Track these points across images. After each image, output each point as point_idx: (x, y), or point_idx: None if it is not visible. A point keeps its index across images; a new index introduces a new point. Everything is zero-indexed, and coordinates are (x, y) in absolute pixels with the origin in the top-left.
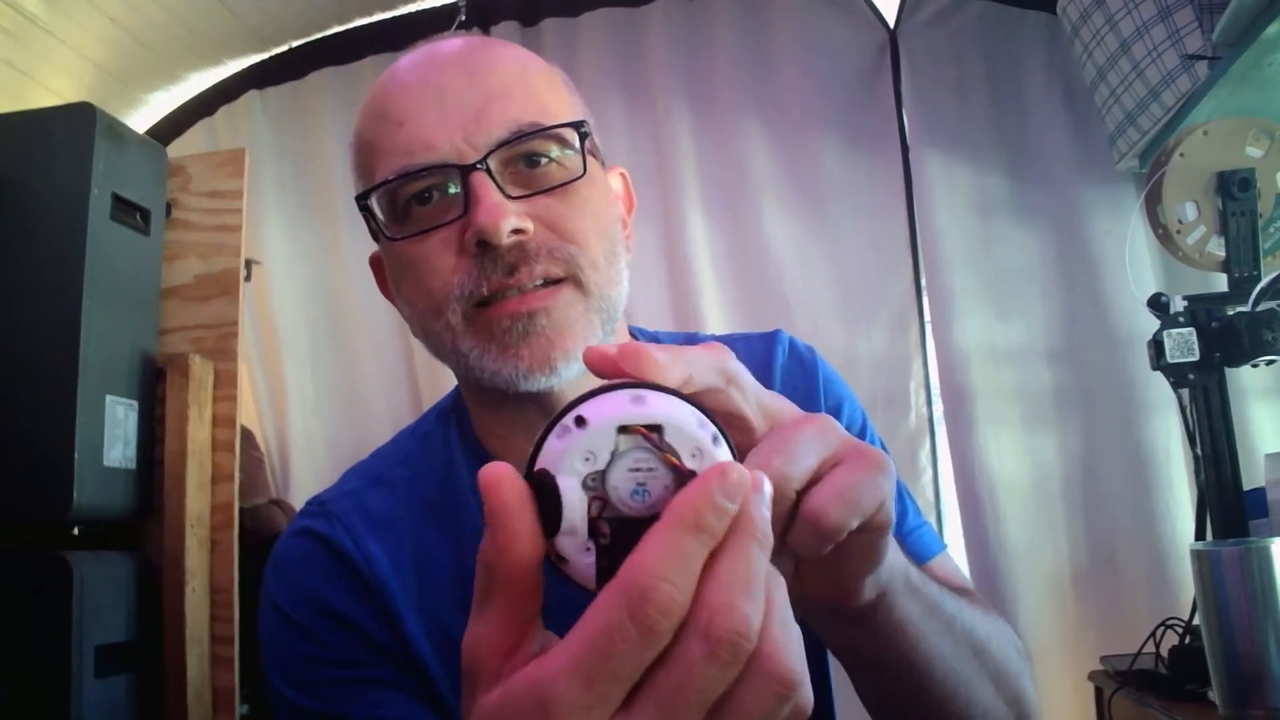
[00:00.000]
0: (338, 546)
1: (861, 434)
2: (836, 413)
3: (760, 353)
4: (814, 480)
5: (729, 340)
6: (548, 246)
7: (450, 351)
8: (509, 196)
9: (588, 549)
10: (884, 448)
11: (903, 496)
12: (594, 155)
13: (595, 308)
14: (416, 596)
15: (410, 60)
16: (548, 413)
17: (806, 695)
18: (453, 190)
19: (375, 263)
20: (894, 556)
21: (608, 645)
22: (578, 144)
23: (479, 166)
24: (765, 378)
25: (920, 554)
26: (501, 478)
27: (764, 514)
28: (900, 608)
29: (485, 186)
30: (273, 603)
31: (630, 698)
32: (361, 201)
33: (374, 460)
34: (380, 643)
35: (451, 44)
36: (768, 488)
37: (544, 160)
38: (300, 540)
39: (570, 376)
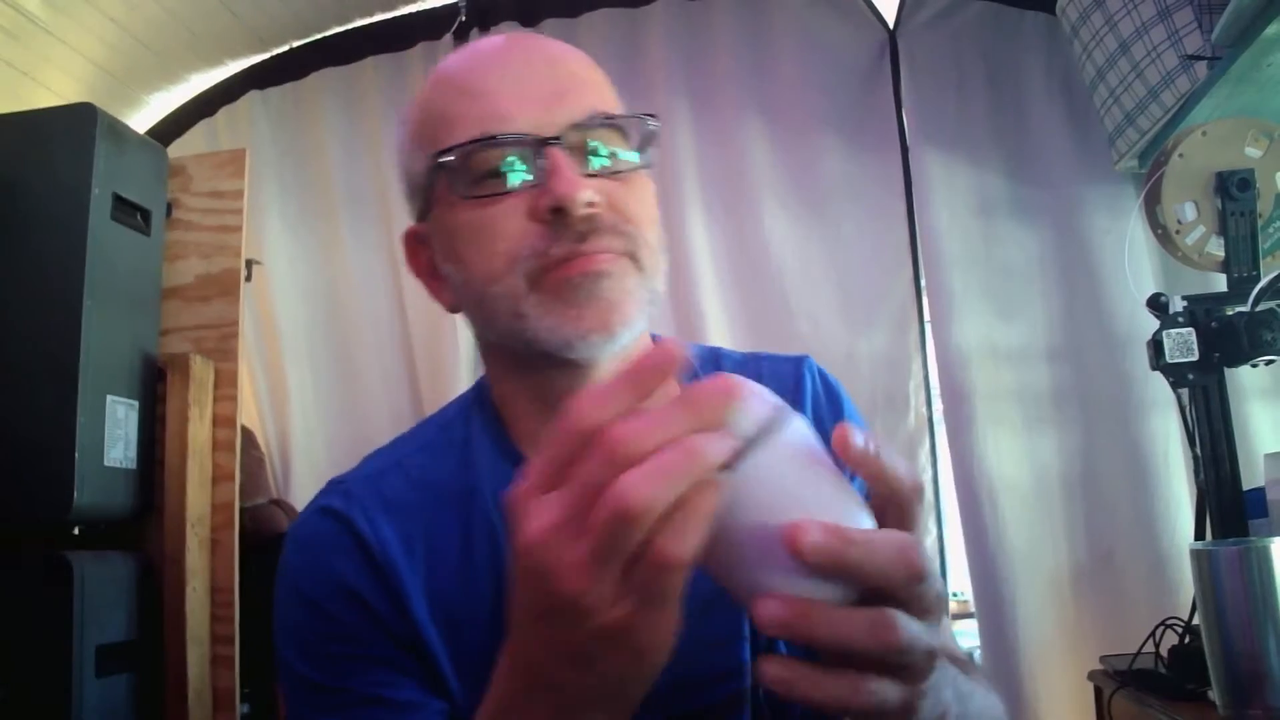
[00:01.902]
0: (354, 526)
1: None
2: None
3: (788, 377)
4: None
5: (753, 360)
6: (613, 223)
7: (507, 314)
8: (581, 174)
9: None
10: None
11: None
12: (650, 151)
13: (645, 285)
14: (425, 581)
15: (488, 43)
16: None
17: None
18: (524, 165)
19: (411, 237)
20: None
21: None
22: (643, 138)
23: (558, 141)
24: (795, 404)
25: None
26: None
27: (716, 448)
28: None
29: (563, 159)
30: (289, 576)
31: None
32: (440, 160)
33: (394, 446)
34: (388, 623)
35: (527, 35)
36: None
37: (612, 146)
38: (319, 518)
39: (618, 347)
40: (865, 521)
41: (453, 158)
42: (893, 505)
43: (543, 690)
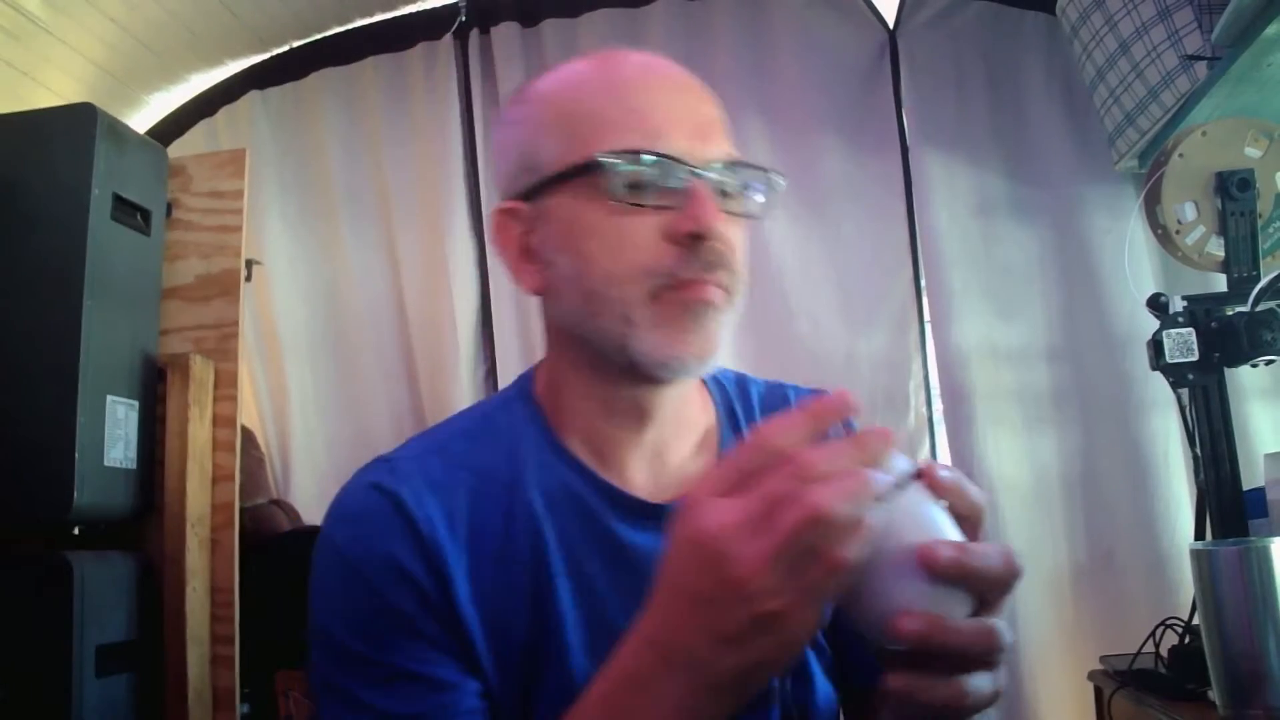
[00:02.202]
0: (402, 502)
1: None
2: None
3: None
4: None
5: (779, 388)
6: (730, 260)
7: (616, 318)
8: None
9: None
10: None
11: None
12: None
13: (731, 323)
14: (470, 562)
15: (638, 57)
16: (643, 409)
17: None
18: (670, 186)
19: (505, 213)
20: None
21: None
22: (768, 192)
23: (708, 172)
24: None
25: None
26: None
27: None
28: None
29: (708, 191)
30: (335, 546)
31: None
32: (596, 160)
33: (435, 431)
34: (433, 601)
35: (672, 63)
36: (901, 465)
37: (739, 190)
38: (368, 493)
39: (698, 375)
40: None
41: (613, 160)
42: (969, 522)
43: (684, 668)
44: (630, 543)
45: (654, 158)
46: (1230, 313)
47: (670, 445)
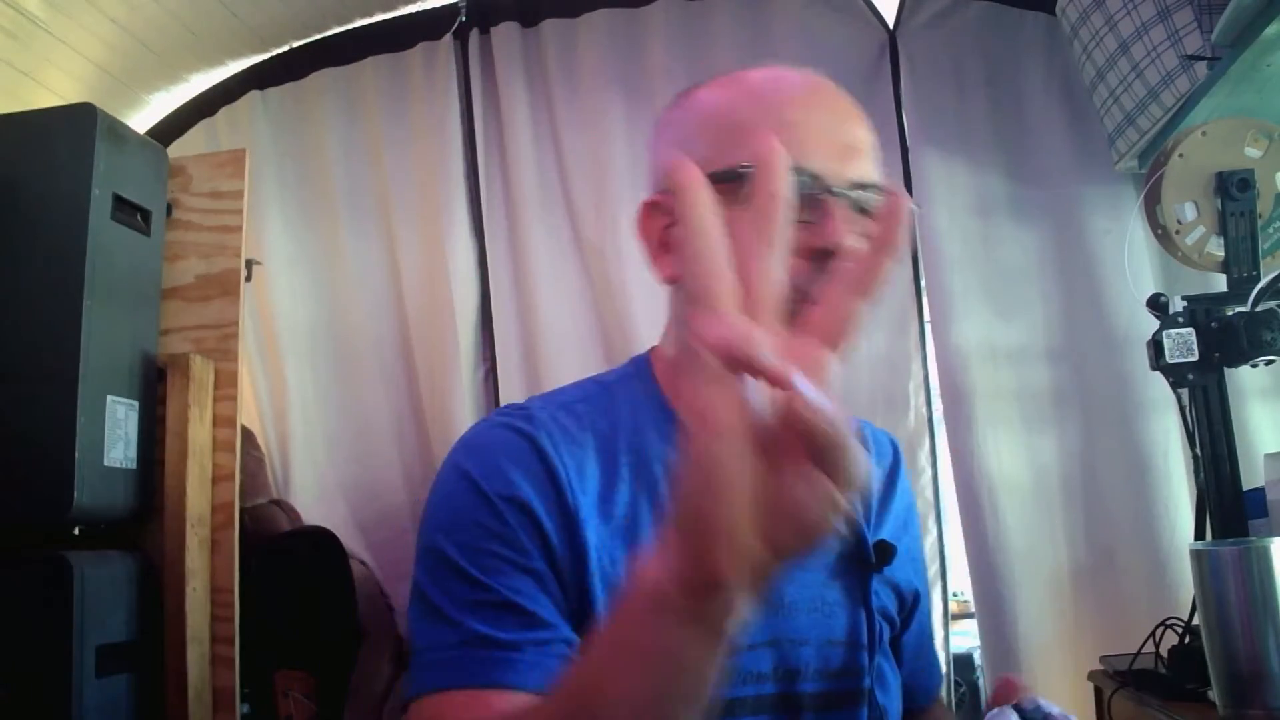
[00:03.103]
0: (539, 444)
1: (916, 539)
2: (919, 529)
3: (888, 447)
4: None
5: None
6: None
7: None
8: None
9: None
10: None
11: (929, 630)
12: None
13: None
14: (599, 507)
15: (797, 74)
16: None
17: None
18: (807, 202)
19: (651, 205)
20: None
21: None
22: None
23: (843, 193)
24: (895, 473)
25: (940, 676)
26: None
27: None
28: None
29: (841, 210)
30: (464, 472)
31: None
32: (745, 168)
33: (560, 394)
34: (551, 541)
35: (828, 81)
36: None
37: (865, 213)
38: (503, 431)
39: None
40: None
41: (742, 173)
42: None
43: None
44: None
45: (794, 172)
46: (1230, 313)
47: None
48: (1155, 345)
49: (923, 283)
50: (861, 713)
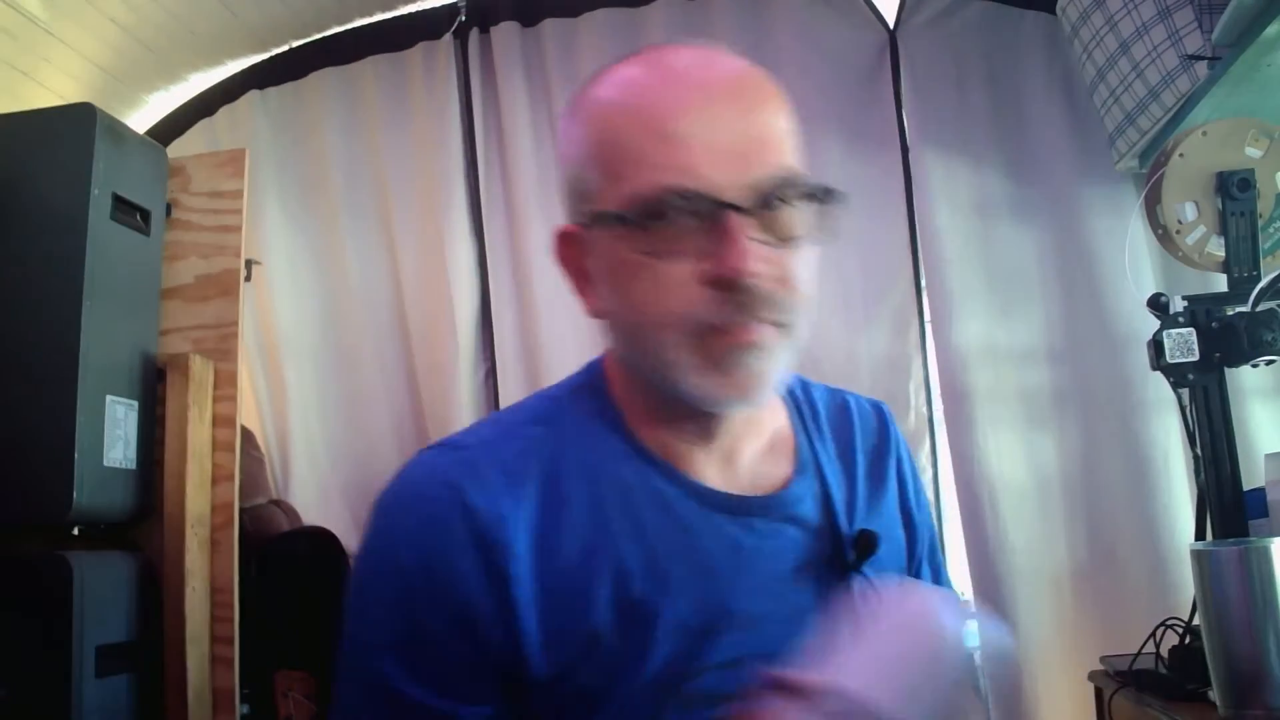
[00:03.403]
0: (468, 500)
1: (929, 515)
2: (925, 503)
3: (875, 419)
4: None
5: (838, 394)
6: (774, 295)
7: (656, 359)
8: (752, 239)
9: None
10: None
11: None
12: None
13: (791, 348)
14: (536, 560)
15: (681, 70)
16: (704, 425)
17: None
18: (703, 221)
19: (567, 235)
20: None
21: None
22: (821, 203)
23: (738, 207)
24: (885, 447)
25: None
26: None
27: None
28: None
29: (739, 229)
30: (378, 540)
31: None
32: (614, 216)
33: (504, 415)
34: (476, 614)
35: (722, 65)
36: None
37: (789, 210)
38: (433, 484)
39: (753, 409)
40: None
41: (636, 205)
42: None
43: None
44: (709, 533)
45: (680, 198)
46: (1231, 313)
47: (740, 448)
48: (1156, 345)
49: (923, 282)
50: None
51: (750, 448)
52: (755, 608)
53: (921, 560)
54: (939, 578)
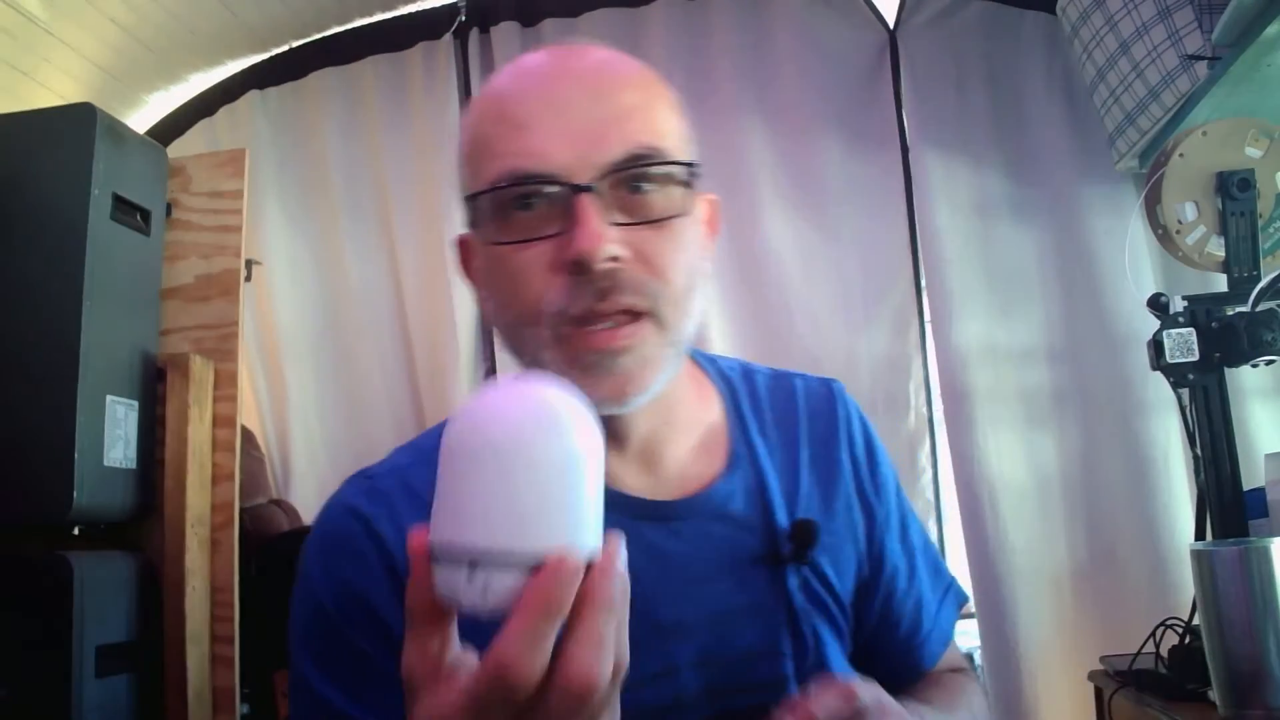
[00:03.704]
0: (378, 530)
1: (897, 494)
2: (885, 481)
3: (822, 400)
4: None
5: (784, 377)
6: (637, 280)
7: (530, 358)
8: (611, 222)
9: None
10: (912, 511)
11: (922, 600)
12: (694, 189)
13: (669, 341)
14: None
15: (536, 64)
16: (611, 433)
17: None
18: (556, 205)
19: (463, 244)
20: None
21: (482, 704)
22: (686, 179)
23: (588, 188)
24: (832, 429)
25: (934, 654)
26: (417, 544)
27: (609, 587)
28: None
29: (590, 210)
30: (307, 579)
31: None
32: (470, 201)
33: (423, 439)
34: (397, 636)
35: (580, 55)
36: (620, 562)
37: (650, 188)
38: (345, 518)
39: (638, 406)
40: None
41: (486, 196)
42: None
43: None
44: (629, 542)
45: (525, 185)
46: (1230, 313)
47: (662, 449)
48: (1156, 345)
49: (923, 282)
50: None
51: (675, 448)
52: (683, 614)
53: (883, 545)
54: (913, 562)
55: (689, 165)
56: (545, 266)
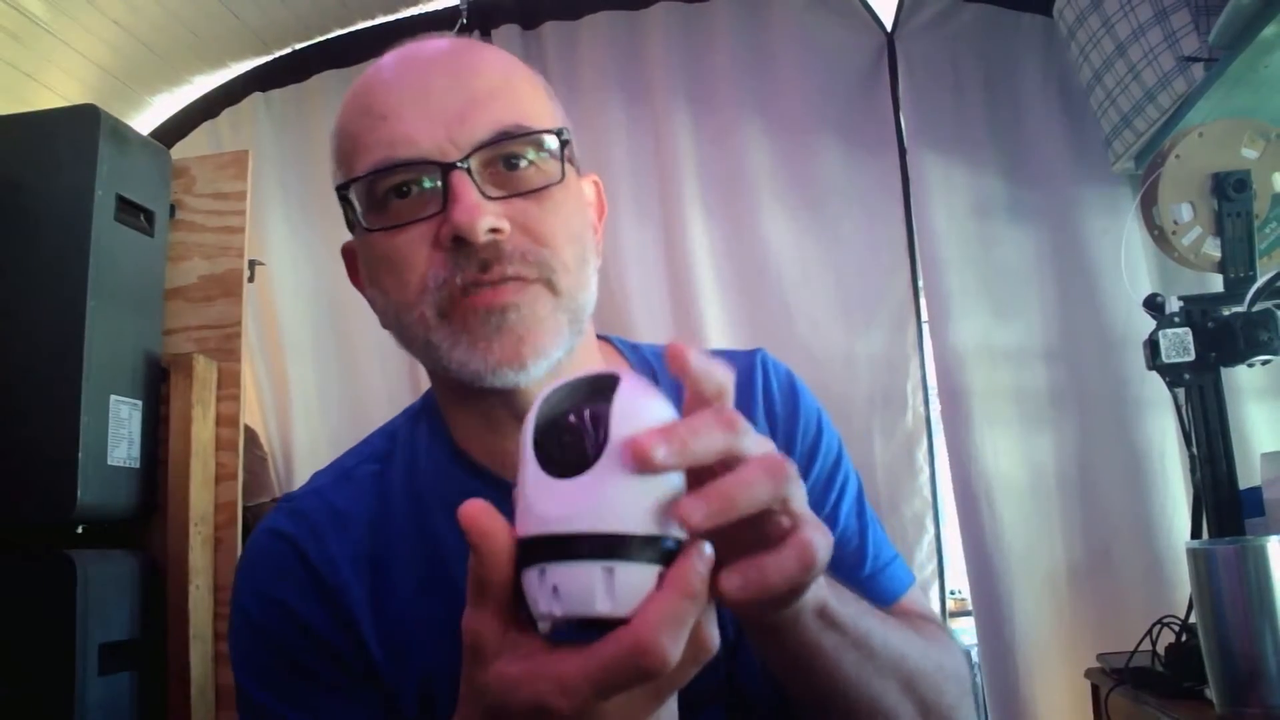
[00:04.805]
0: (302, 548)
1: (837, 463)
2: (816, 440)
3: (743, 372)
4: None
5: (712, 355)
6: (521, 249)
7: (421, 343)
8: (487, 197)
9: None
10: (858, 478)
11: (866, 533)
12: (570, 162)
13: (564, 308)
14: (373, 597)
15: (395, 57)
16: (514, 411)
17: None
18: (431, 186)
19: (348, 253)
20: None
21: (606, 680)
22: (558, 150)
23: (460, 165)
24: (748, 398)
25: (891, 590)
26: (479, 513)
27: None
28: (808, 637)
29: (465, 185)
30: (240, 602)
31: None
32: (342, 192)
33: (344, 458)
34: (338, 649)
35: (438, 44)
36: (708, 549)
37: (523, 163)
38: (268, 539)
39: (538, 375)
40: None
41: (359, 184)
42: (700, 403)
43: None
44: None
45: (395, 168)
46: (1227, 313)
47: None
48: (1151, 345)
49: (920, 283)
50: (718, 710)
51: None
52: None
53: (820, 504)
54: (863, 523)
55: (558, 133)
56: (426, 245)
